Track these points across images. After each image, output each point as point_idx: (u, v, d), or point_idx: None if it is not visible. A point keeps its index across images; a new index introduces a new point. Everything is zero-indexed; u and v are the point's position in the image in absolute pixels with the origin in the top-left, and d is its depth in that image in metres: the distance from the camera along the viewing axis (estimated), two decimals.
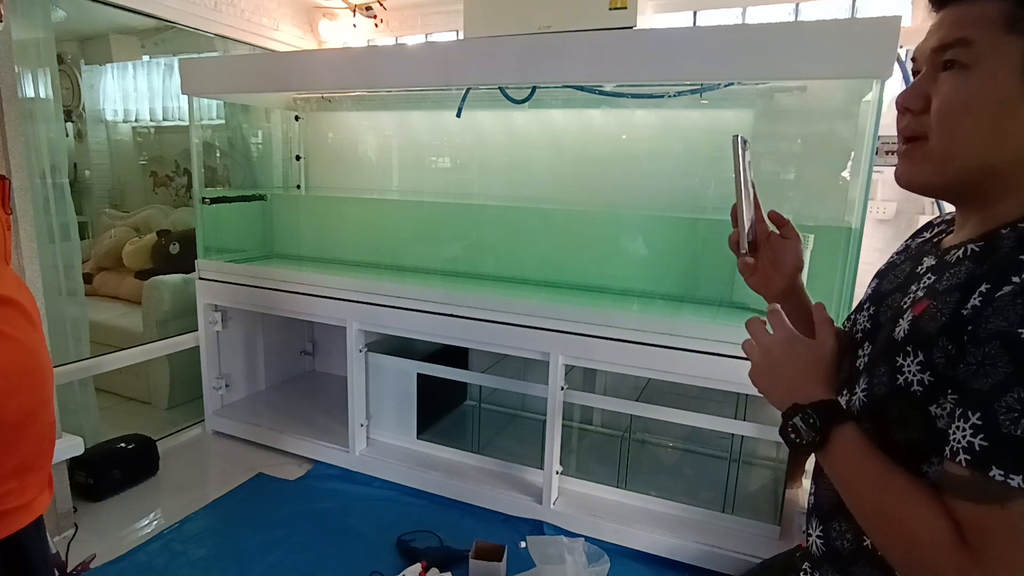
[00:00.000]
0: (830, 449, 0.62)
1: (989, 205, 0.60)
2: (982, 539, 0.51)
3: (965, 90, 0.57)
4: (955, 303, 0.56)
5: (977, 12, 0.56)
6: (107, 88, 4.03)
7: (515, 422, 2.80)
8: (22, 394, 0.98)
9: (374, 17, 3.19)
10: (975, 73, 0.56)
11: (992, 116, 0.56)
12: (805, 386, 0.66)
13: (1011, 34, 0.54)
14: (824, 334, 0.71)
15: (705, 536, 1.94)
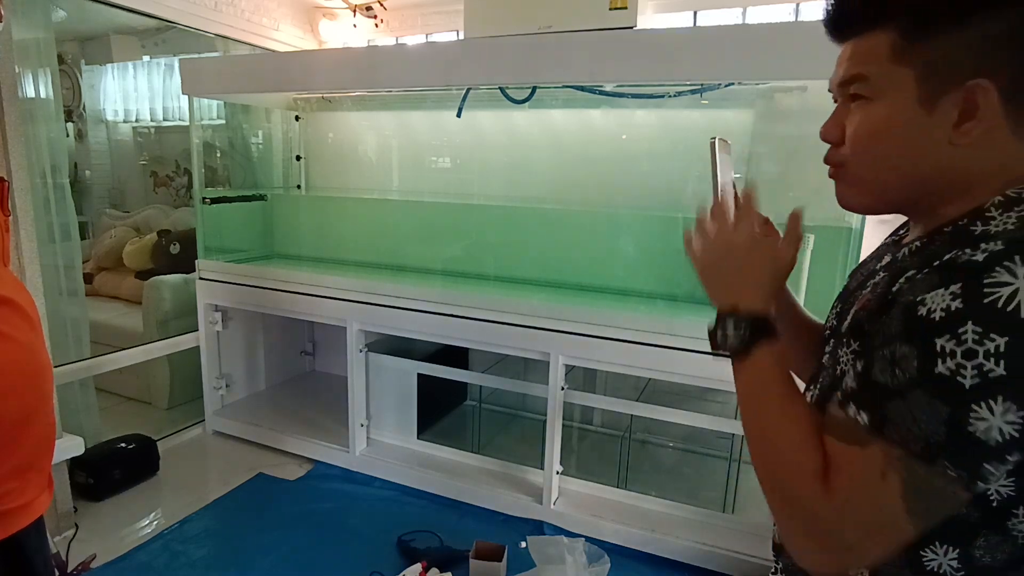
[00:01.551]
0: (748, 360, 0.66)
1: (934, 210, 0.62)
2: (836, 473, 0.55)
3: (871, 120, 0.61)
4: (883, 292, 0.59)
5: (868, 47, 0.60)
6: (107, 88, 4.03)
7: (515, 422, 2.80)
8: (21, 394, 0.98)
9: (374, 17, 3.19)
10: (877, 104, 0.60)
11: (902, 140, 0.59)
12: (749, 290, 0.69)
13: (900, 66, 0.57)
14: (790, 248, 0.74)
15: (705, 536, 1.94)
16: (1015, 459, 0.48)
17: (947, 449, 0.49)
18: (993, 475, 0.50)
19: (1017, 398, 0.46)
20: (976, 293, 0.48)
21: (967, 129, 0.56)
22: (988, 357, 0.47)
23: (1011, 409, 0.47)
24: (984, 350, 0.47)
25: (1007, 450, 0.48)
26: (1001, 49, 0.53)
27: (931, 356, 0.49)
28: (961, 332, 0.47)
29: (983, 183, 0.58)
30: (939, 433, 0.49)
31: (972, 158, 0.57)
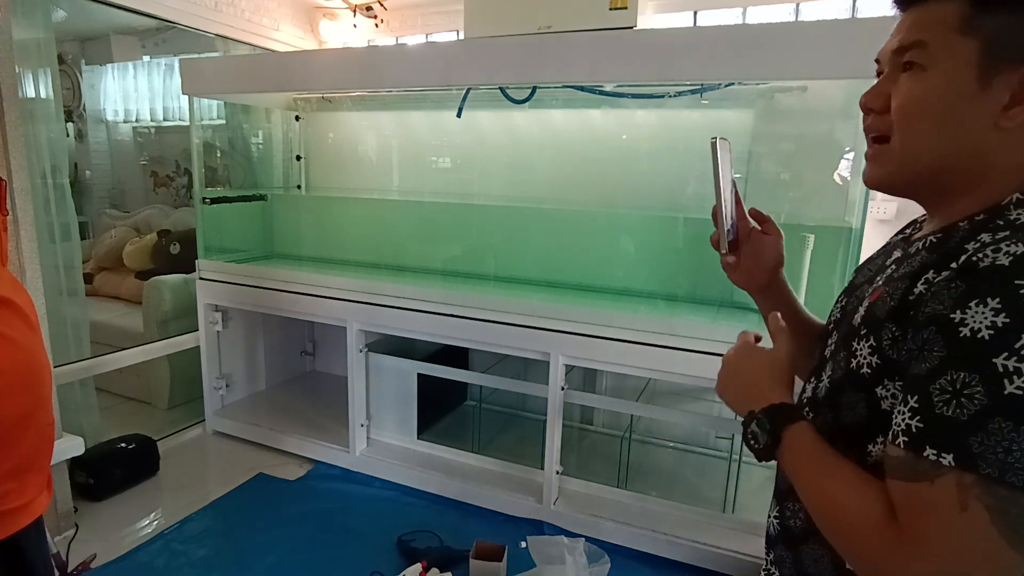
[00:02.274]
0: (783, 448, 0.66)
1: (951, 202, 0.62)
2: (910, 515, 0.53)
3: (922, 90, 0.59)
4: (904, 289, 0.58)
5: (933, 15, 0.58)
6: (107, 88, 4.03)
7: (515, 422, 2.80)
8: (20, 395, 0.98)
9: (374, 17, 3.19)
10: (931, 74, 0.58)
11: (948, 115, 0.58)
12: (760, 392, 0.70)
13: (964, 36, 0.56)
14: (779, 341, 0.75)
15: (705, 536, 1.94)
16: None
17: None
18: None
19: None
20: (1018, 302, 0.47)
21: (1015, 114, 0.55)
22: None
23: None
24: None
25: None
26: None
27: (996, 378, 0.47)
28: (1018, 346, 0.47)
29: (1003, 177, 0.57)
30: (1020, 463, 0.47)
31: (1007, 147, 0.57)
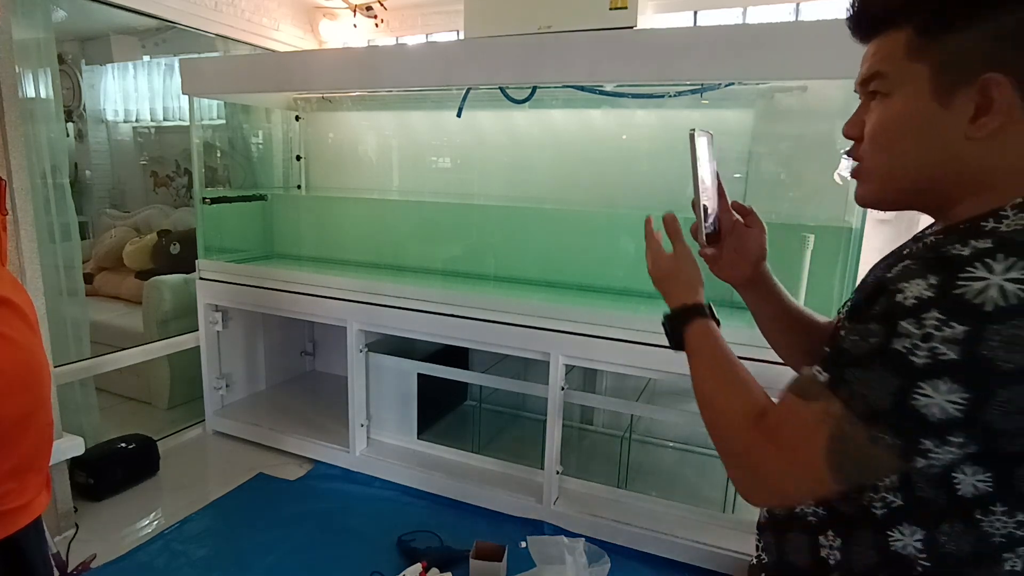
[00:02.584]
0: (686, 346, 0.77)
1: (950, 207, 0.64)
2: (779, 421, 0.61)
3: (888, 116, 0.63)
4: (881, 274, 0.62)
5: (886, 45, 0.62)
6: (108, 88, 4.03)
7: (515, 422, 2.80)
8: (19, 395, 0.98)
9: (374, 17, 3.19)
10: (894, 100, 0.62)
11: (916, 134, 0.61)
12: (674, 294, 0.82)
13: (914, 62, 0.60)
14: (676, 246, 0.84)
15: (705, 536, 1.94)
16: (958, 440, 0.51)
17: (888, 418, 0.53)
18: (930, 451, 0.52)
19: (965, 382, 0.49)
20: (948, 285, 0.51)
21: (983, 123, 0.57)
22: (944, 342, 0.50)
23: (956, 391, 0.50)
24: (942, 336, 0.50)
25: (948, 429, 0.51)
26: (1014, 44, 0.55)
27: (893, 334, 0.53)
28: (924, 317, 0.51)
29: (1007, 181, 0.58)
30: (884, 402, 0.53)
31: (990, 154, 0.58)
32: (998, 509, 0.55)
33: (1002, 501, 0.55)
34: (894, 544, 0.59)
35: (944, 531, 0.57)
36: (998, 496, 0.55)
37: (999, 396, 0.49)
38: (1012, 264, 0.50)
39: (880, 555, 0.60)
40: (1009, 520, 0.55)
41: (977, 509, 0.55)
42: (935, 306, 0.51)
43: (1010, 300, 0.49)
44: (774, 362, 1.74)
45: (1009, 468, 0.54)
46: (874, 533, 0.61)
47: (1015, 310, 0.48)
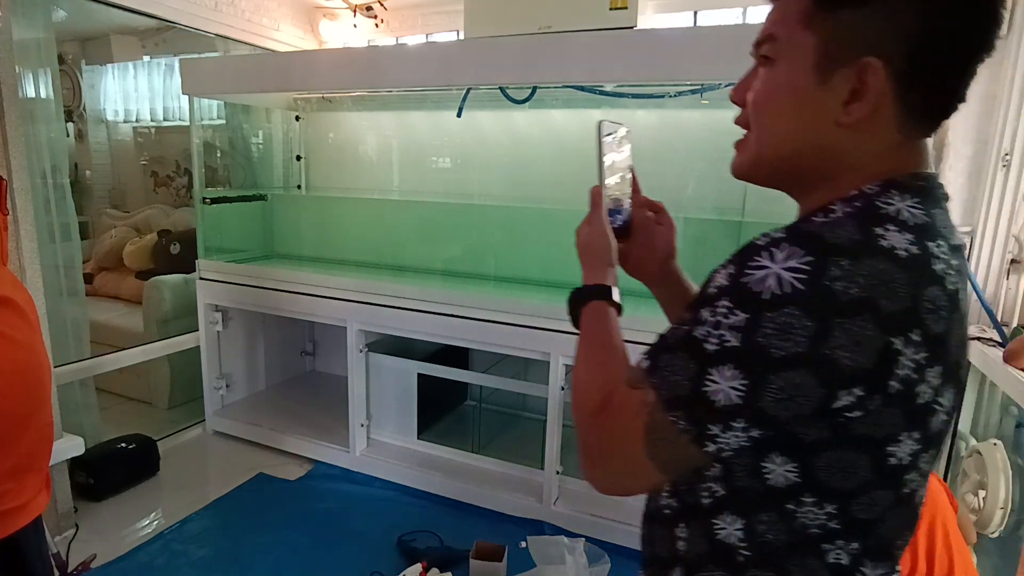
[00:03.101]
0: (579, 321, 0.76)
1: (807, 194, 0.62)
2: (614, 410, 0.60)
3: (769, 83, 0.61)
4: None
5: (786, 9, 0.60)
6: (108, 88, 4.03)
7: (515, 422, 2.80)
8: (19, 394, 0.98)
9: (374, 17, 3.19)
10: (777, 67, 0.60)
11: (793, 106, 0.59)
12: (584, 269, 0.79)
13: (806, 30, 0.57)
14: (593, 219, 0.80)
15: None
16: (740, 426, 0.52)
17: (685, 403, 0.53)
18: (717, 436, 0.53)
19: (744, 368, 0.50)
20: (738, 273, 0.52)
21: (853, 109, 0.55)
22: (729, 329, 0.50)
23: (737, 377, 0.50)
24: (728, 323, 0.51)
25: (731, 415, 0.51)
26: (898, 31, 0.53)
27: (695, 321, 0.54)
28: (717, 305, 0.52)
29: (853, 173, 0.57)
30: (683, 388, 0.53)
31: (852, 143, 0.57)
32: (808, 500, 0.54)
33: (810, 491, 0.54)
34: (719, 533, 0.59)
35: (763, 520, 0.56)
36: (805, 486, 0.54)
37: (772, 383, 0.49)
38: (791, 253, 0.50)
39: (709, 545, 0.60)
40: (820, 511, 0.54)
41: (789, 499, 0.55)
42: (726, 294, 0.52)
43: (784, 288, 0.49)
44: None
45: (810, 458, 0.53)
46: (703, 523, 0.60)
47: (788, 298, 0.48)
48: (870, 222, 0.51)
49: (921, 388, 0.51)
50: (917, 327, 0.49)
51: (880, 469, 0.53)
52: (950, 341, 0.52)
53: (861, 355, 0.48)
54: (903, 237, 0.50)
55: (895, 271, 0.49)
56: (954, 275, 0.52)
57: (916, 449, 0.54)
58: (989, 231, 2.10)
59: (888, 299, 0.48)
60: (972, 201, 2.17)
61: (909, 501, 0.57)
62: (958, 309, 0.53)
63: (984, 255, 2.12)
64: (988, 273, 2.12)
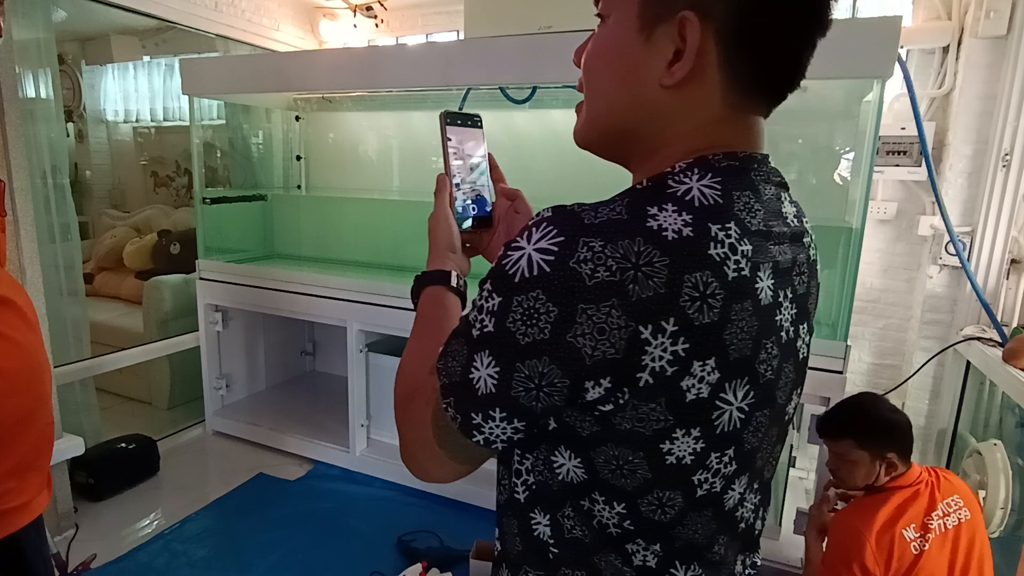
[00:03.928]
0: None
1: (636, 167, 0.59)
2: (416, 393, 0.58)
3: (598, 40, 0.56)
4: None
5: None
6: (108, 88, 4.03)
7: None
8: (20, 394, 0.98)
9: (374, 17, 3.19)
10: (608, 24, 0.55)
11: (618, 67, 0.54)
12: (429, 255, 0.76)
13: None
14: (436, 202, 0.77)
15: None
16: (500, 415, 0.49)
17: (454, 390, 0.51)
18: (481, 426, 0.50)
19: (496, 355, 0.47)
20: (502, 256, 0.48)
21: (675, 70, 0.50)
22: (487, 314, 0.48)
23: (492, 364, 0.48)
24: (487, 307, 0.48)
25: (489, 404, 0.49)
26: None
27: (472, 305, 0.52)
28: (483, 288, 0.49)
29: (674, 147, 0.53)
30: (456, 374, 0.51)
31: (676, 110, 0.52)
32: (599, 498, 0.51)
33: (599, 489, 0.51)
34: (534, 528, 0.56)
35: (568, 516, 0.53)
36: (593, 484, 0.51)
37: (520, 371, 0.46)
38: (545, 233, 0.46)
39: (523, 541, 0.57)
40: (612, 511, 0.51)
41: (583, 496, 0.52)
42: (490, 276, 0.49)
43: (532, 271, 0.45)
44: None
45: (590, 454, 0.50)
46: (522, 518, 0.57)
47: (535, 281, 0.45)
48: (647, 201, 0.47)
49: (688, 383, 0.46)
50: (673, 315, 0.44)
51: (659, 468, 0.49)
52: (730, 332, 0.46)
53: (605, 344, 0.44)
54: (679, 218, 0.45)
55: (655, 254, 0.44)
56: (742, 261, 0.47)
57: (701, 449, 0.49)
58: (989, 231, 2.10)
59: (640, 284, 0.43)
60: (972, 201, 2.17)
61: (713, 504, 0.52)
62: (748, 298, 0.47)
63: (984, 255, 2.12)
64: (988, 273, 2.13)
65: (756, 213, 0.50)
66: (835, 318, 1.84)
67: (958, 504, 1.42)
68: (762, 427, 0.53)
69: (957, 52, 2.18)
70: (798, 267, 0.55)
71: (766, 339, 0.50)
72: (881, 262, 2.46)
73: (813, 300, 0.60)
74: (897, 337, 2.50)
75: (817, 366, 1.71)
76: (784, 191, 0.56)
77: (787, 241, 0.53)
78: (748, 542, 0.61)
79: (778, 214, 0.53)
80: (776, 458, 0.61)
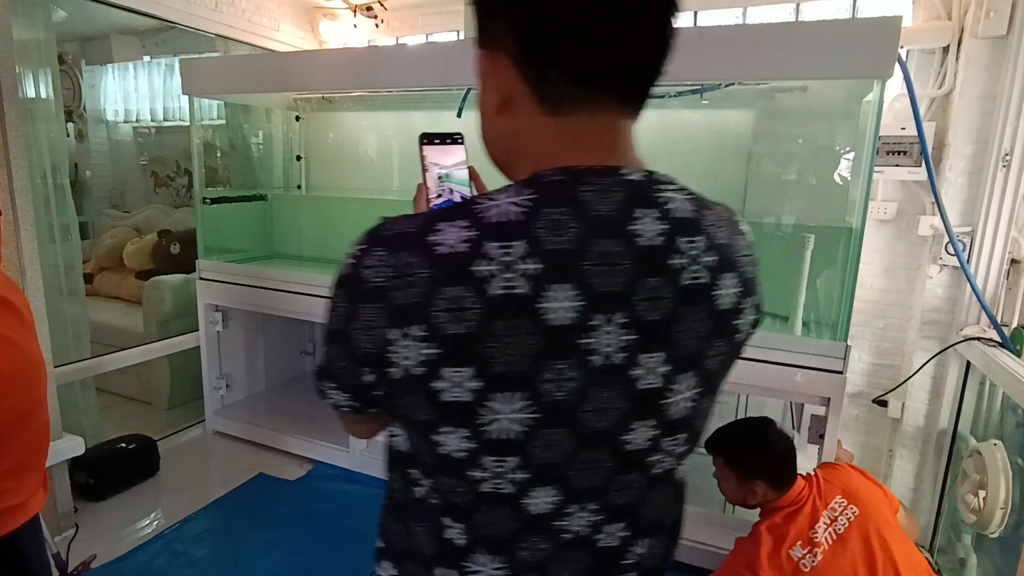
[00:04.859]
0: None
1: None
2: None
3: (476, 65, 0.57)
4: None
5: None
6: (108, 88, 4.04)
7: None
8: (16, 394, 0.98)
9: (375, 17, 3.19)
10: None
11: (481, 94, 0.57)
12: None
13: None
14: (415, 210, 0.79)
15: (705, 536, 1.94)
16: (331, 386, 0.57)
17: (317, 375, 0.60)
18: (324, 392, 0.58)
19: (324, 336, 0.55)
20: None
21: (491, 100, 0.55)
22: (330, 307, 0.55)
23: (321, 342, 0.57)
24: (331, 302, 0.54)
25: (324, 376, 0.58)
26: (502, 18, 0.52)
27: None
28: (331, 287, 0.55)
29: (519, 167, 0.55)
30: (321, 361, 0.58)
31: (511, 135, 0.56)
32: (416, 469, 0.58)
33: (415, 461, 0.57)
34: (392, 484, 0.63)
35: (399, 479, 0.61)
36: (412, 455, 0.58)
37: (329, 352, 0.55)
38: (357, 241, 0.53)
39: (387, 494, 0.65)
40: (424, 482, 0.57)
41: (409, 464, 0.59)
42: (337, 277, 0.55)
43: (342, 272, 0.53)
44: (773, 362, 1.74)
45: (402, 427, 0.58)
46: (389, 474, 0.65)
47: (341, 281, 0.53)
48: (444, 217, 0.50)
49: (441, 385, 0.49)
50: (424, 322, 0.48)
51: (435, 455, 0.53)
52: (492, 345, 0.48)
53: (369, 340, 0.50)
54: (461, 234, 0.48)
55: (421, 267, 0.48)
56: (518, 280, 0.47)
57: (473, 448, 0.51)
58: (989, 231, 2.10)
59: (403, 291, 0.48)
60: (972, 201, 2.17)
61: (509, 504, 0.53)
62: (521, 316, 0.47)
63: (984, 255, 2.12)
64: (988, 273, 2.12)
65: (567, 232, 0.49)
66: (835, 318, 1.84)
67: (842, 505, 1.42)
68: (566, 447, 0.52)
69: (957, 52, 2.18)
70: (648, 291, 0.50)
71: (556, 360, 0.49)
72: (881, 262, 2.46)
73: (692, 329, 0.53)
74: (897, 337, 2.50)
75: (817, 366, 1.71)
76: (649, 208, 0.52)
77: (627, 261, 0.50)
78: (605, 564, 0.59)
79: (617, 233, 0.50)
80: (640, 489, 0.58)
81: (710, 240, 0.54)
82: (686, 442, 0.59)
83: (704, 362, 0.55)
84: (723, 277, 0.55)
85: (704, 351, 0.55)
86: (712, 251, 0.54)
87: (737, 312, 0.56)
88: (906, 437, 2.39)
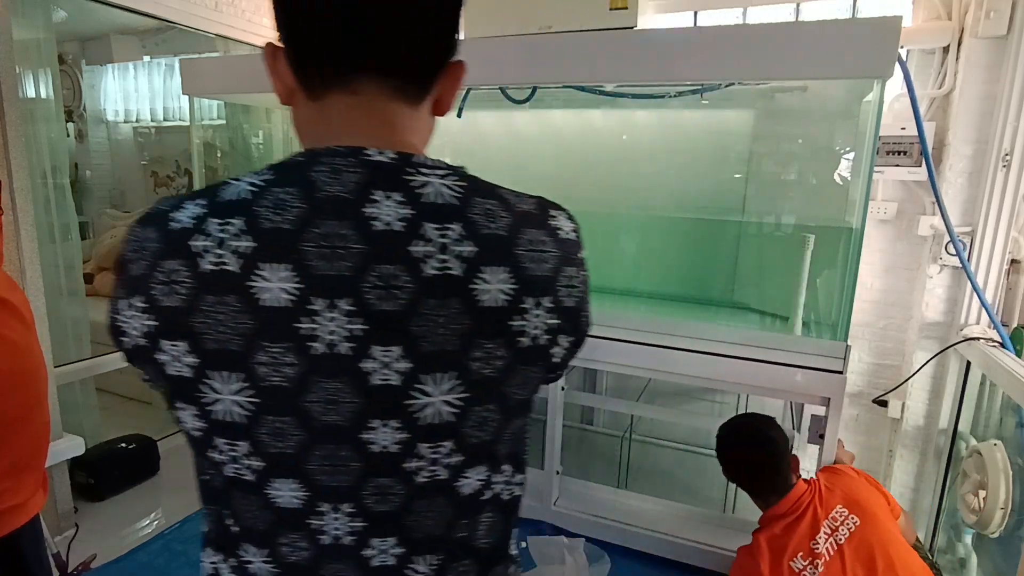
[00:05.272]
0: None
1: None
2: None
3: None
4: None
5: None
6: (108, 88, 4.03)
7: None
8: (16, 394, 0.98)
9: None
10: None
11: None
12: None
13: None
14: None
15: (705, 536, 1.94)
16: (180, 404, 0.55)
17: None
18: None
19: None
20: None
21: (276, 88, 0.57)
22: None
23: None
24: None
25: None
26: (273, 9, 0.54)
27: None
28: None
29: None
30: None
31: (295, 119, 0.58)
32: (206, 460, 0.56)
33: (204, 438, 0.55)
34: None
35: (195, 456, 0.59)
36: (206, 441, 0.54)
37: None
38: None
39: None
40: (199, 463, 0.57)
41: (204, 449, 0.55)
42: None
43: None
44: (773, 362, 1.74)
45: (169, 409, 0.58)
46: None
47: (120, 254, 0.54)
48: (195, 196, 0.51)
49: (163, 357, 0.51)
50: (142, 294, 0.50)
51: (183, 430, 0.54)
52: (202, 321, 0.48)
53: (113, 306, 0.52)
54: (194, 211, 0.50)
55: (153, 240, 0.50)
56: (230, 257, 0.47)
57: (204, 427, 0.52)
58: (989, 231, 2.10)
59: (135, 264, 0.50)
60: (972, 201, 2.17)
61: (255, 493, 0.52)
62: (232, 293, 0.47)
63: (984, 255, 2.12)
64: (988, 273, 2.13)
65: (289, 211, 0.48)
66: (835, 318, 1.84)
67: (843, 514, 1.39)
68: (298, 438, 0.50)
69: (957, 52, 2.18)
70: (381, 278, 0.48)
71: (269, 342, 0.48)
72: (881, 262, 2.46)
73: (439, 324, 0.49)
74: (897, 337, 2.50)
75: (817, 366, 1.71)
76: (393, 191, 0.50)
77: (358, 245, 0.48)
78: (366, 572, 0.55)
79: (348, 215, 0.48)
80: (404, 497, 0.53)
81: (472, 229, 0.50)
82: (459, 453, 0.53)
83: (468, 364, 0.50)
84: (488, 271, 0.50)
85: (466, 351, 0.50)
86: (471, 241, 0.50)
87: (514, 312, 0.51)
88: (906, 437, 2.39)
